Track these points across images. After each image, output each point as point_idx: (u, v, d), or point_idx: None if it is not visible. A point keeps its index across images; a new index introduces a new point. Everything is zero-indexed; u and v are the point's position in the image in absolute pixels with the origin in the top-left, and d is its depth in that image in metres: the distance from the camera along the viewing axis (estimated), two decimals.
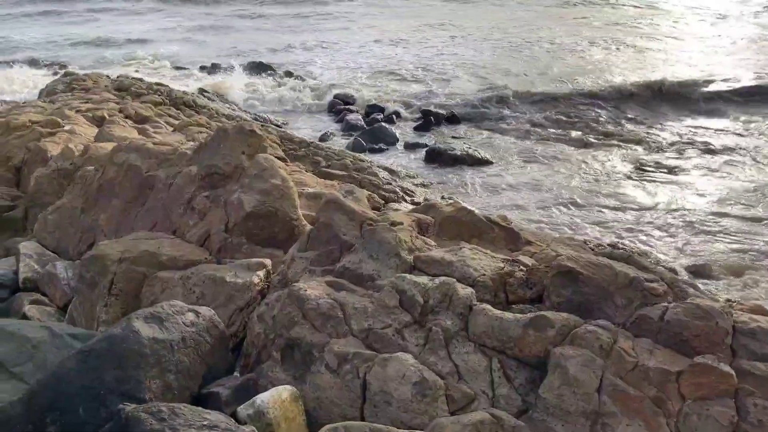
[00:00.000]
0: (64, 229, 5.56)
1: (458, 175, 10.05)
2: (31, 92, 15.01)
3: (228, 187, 4.73)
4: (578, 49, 18.71)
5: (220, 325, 3.40)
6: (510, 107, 13.62)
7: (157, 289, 4.14)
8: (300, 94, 15.36)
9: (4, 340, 3.45)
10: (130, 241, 4.53)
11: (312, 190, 5.55)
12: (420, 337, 3.09)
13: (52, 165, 6.43)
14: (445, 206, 4.60)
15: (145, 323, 3.02)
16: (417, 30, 22.79)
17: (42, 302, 4.60)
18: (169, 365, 3.00)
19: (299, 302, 3.31)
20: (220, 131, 5.03)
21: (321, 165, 9.46)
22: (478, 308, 3.11)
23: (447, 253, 3.59)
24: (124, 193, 5.28)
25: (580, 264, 3.23)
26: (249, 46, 22.02)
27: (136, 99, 10.74)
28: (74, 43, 23.65)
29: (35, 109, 9.17)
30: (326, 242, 4.00)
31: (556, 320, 2.97)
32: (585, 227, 8.09)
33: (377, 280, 3.50)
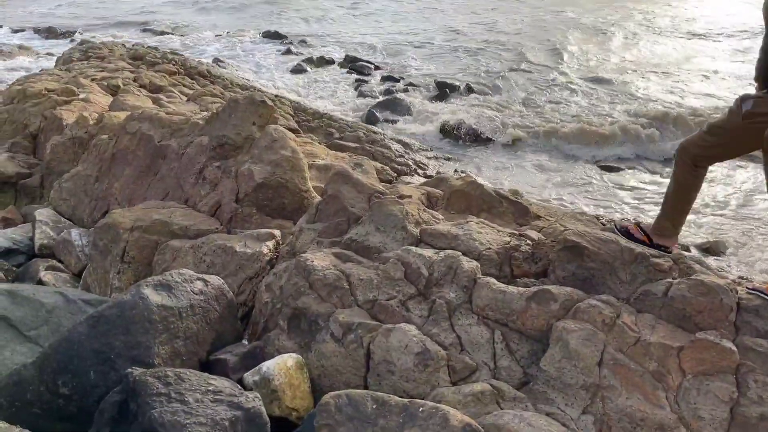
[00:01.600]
0: (79, 197, 5.64)
1: (473, 148, 10.00)
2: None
3: (239, 157, 4.76)
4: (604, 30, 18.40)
5: (229, 293, 3.46)
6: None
7: (168, 257, 4.20)
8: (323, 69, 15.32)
9: (20, 305, 3.55)
10: (142, 210, 4.60)
11: (322, 162, 5.57)
12: (424, 309, 3.12)
13: (68, 133, 6.50)
14: (455, 180, 4.60)
15: (154, 290, 3.08)
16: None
17: (57, 268, 4.70)
18: (177, 332, 3.07)
19: (306, 273, 3.35)
20: (231, 102, 5.04)
21: (334, 137, 9.46)
22: (482, 281, 3.13)
23: (453, 226, 3.60)
24: (137, 162, 5.34)
25: (586, 239, 3.23)
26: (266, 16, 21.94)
27: (151, 68, 10.76)
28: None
29: (51, 77, 9.23)
30: (334, 214, 4.02)
31: (560, 294, 2.98)
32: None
33: (383, 252, 3.53)
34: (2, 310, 3.51)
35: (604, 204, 7.89)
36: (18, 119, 7.35)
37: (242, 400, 2.58)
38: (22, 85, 8.33)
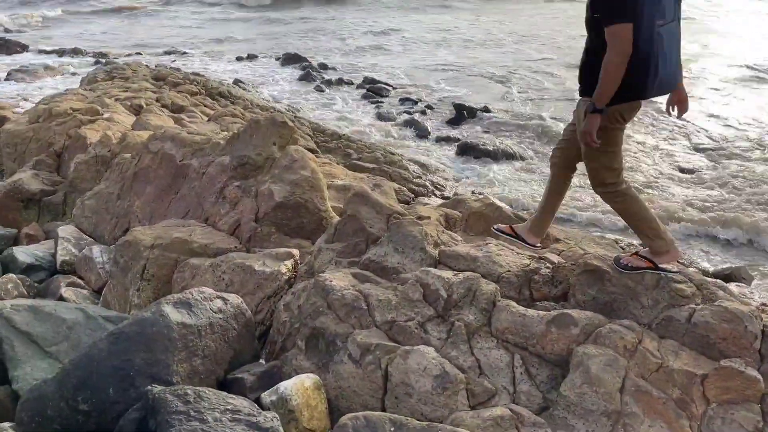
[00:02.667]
0: (101, 215, 5.72)
1: (489, 169, 10.00)
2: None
3: (259, 177, 4.80)
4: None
5: (247, 312, 3.47)
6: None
7: (187, 275, 4.23)
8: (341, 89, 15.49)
9: (42, 321, 3.59)
10: (163, 228, 4.65)
11: (341, 182, 5.59)
12: (442, 331, 3.10)
13: (91, 152, 6.61)
14: (474, 201, 4.60)
15: (174, 308, 3.10)
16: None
17: (78, 285, 4.75)
18: (196, 350, 3.08)
19: (324, 292, 3.35)
20: (252, 122, 5.11)
21: (352, 157, 9.52)
22: (501, 304, 3.11)
23: (472, 248, 3.59)
24: (158, 180, 5.41)
25: (607, 263, 3.20)
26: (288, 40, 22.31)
27: (173, 88, 10.94)
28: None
29: (76, 96, 9.41)
30: (353, 234, 4.03)
31: (580, 319, 2.95)
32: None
33: (402, 273, 3.52)
34: (24, 325, 3.55)
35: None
36: (43, 138, 7.49)
37: (260, 419, 2.57)
38: (48, 104, 8.50)
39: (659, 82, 2.81)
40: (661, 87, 2.86)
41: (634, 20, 2.67)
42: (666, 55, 2.76)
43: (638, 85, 2.80)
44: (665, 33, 2.74)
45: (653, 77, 2.77)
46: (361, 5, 28.74)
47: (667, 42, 2.75)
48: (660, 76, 2.78)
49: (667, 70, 2.81)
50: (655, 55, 2.73)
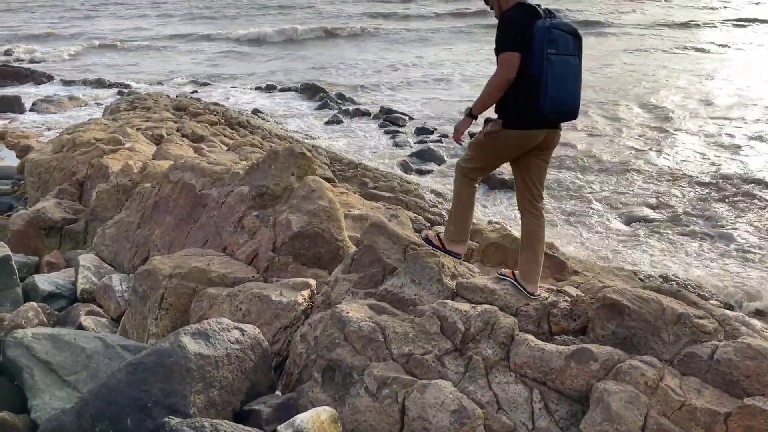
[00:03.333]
0: (121, 243, 5.79)
1: (506, 198, 9.99)
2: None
3: (277, 207, 4.84)
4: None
5: (264, 343, 3.48)
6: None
7: (205, 304, 4.25)
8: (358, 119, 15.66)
9: (61, 349, 3.62)
10: (181, 257, 4.69)
11: (358, 212, 5.62)
12: (460, 365, 3.08)
13: (113, 181, 6.73)
14: (490, 232, 4.60)
15: (192, 339, 3.11)
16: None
17: (97, 313, 4.79)
18: (213, 381, 3.08)
19: (341, 324, 3.35)
20: (271, 153, 5.17)
21: (368, 186, 9.57)
22: (520, 338, 3.08)
23: (490, 280, 3.57)
24: (178, 209, 5.47)
25: (627, 297, 3.17)
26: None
27: (194, 118, 11.14)
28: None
29: (99, 126, 9.62)
30: (369, 265, 4.04)
31: (600, 354, 2.91)
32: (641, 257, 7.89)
33: (419, 305, 3.52)
34: (44, 354, 3.58)
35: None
36: (66, 167, 7.64)
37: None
38: (72, 134, 8.69)
39: (551, 100, 3.14)
40: (553, 105, 3.16)
41: (522, 50, 3.12)
42: (558, 78, 3.12)
43: (531, 102, 3.16)
44: (557, 61, 3.11)
45: (545, 95, 3.12)
46: (385, 40, 29.16)
47: (558, 68, 3.12)
48: (551, 95, 3.12)
49: (559, 93, 3.15)
50: (545, 75, 3.10)
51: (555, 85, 3.12)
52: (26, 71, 21.90)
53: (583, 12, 33.19)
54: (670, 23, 29.67)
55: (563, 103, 3.21)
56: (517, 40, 3.13)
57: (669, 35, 26.75)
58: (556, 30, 3.13)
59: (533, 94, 3.14)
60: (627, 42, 25.44)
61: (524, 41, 3.12)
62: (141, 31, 34.14)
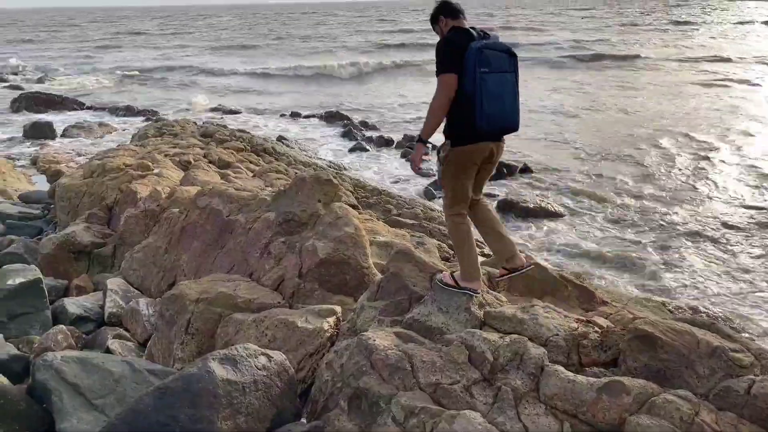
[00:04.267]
0: (148, 268, 5.86)
1: (530, 227, 9.92)
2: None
3: (304, 233, 4.87)
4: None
5: (290, 370, 3.47)
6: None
7: (231, 330, 4.27)
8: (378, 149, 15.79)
9: (90, 372, 3.65)
10: (208, 283, 4.72)
11: (383, 239, 5.62)
12: (489, 396, 3.03)
13: (141, 206, 6.83)
14: None
15: (219, 364, 3.12)
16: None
17: (124, 337, 4.83)
18: (240, 407, 3.08)
19: (368, 352, 3.33)
20: (298, 179, 5.22)
21: (392, 213, 9.58)
22: (550, 369, 3.03)
23: (518, 310, 3.54)
24: (205, 235, 5.53)
25: (659, 329, 3.11)
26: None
27: (220, 145, 11.30)
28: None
29: (127, 152, 9.81)
30: (395, 292, 4.03)
31: (633, 387, 2.85)
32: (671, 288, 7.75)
33: (446, 333, 3.49)
34: (73, 377, 3.61)
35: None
36: (96, 192, 7.78)
37: None
38: (102, 159, 8.87)
39: (488, 116, 3.32)
40: (490, 121, 3.34)
41: (458, 71, 3.30)
42: (492, 94, 3.30)
43: (469, 119, 3.33)
44: (489, 79, 3.29)
45: (480, 111, 3.29)
46: (416, 73, 29.35)
47: (491, 85, 3.29)
48: (486, 111, 3.30)
49: (494, 109, 3.33)
50: (479, 93, 3.27)
51: (489, 101, 3.29)
52: (58, 98, 22.53)
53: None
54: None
55: (500, 118, 3.38)
56: (454, 61, 3.31)
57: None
58: (488, 50, 3.31)
59: (470, 111, 3.31)
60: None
61: (460, 62, 3.31)
62: (169, 60, 35.00)
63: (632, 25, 56.37)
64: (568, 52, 35.10)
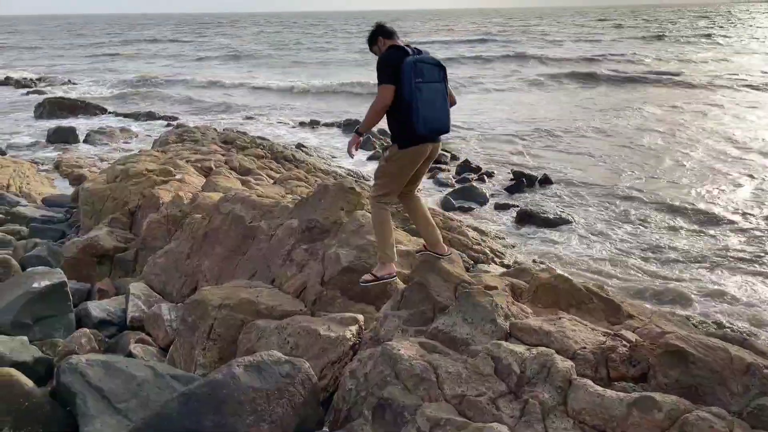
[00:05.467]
0: (170, 273, 5.88)
1: (550, 238, 9.84)
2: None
3: (326, 241, 4.87)
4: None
5: (314, 378, 3.45)
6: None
7: (253, 336, 4.26)
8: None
9: (113, 376, 3.66)
10: (230, 288, 4.73)
11: (405, 248, 5.59)
12: (515, 409, 2.99)
13: (163, 211, 6.88)
14: (540, 272, 4.51)
15: (244, 371, 3.11)
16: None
17: (146, 341, 4.84)
18: (264, 414, 3.06)
19: (392, 362, 3.30)
20: (321, 187, 5.22)
21: (410, 222, 9.55)
22: (578, 383, 2.98)
23: (545, 322, 3.49)
24: (227, 241, 5.55)
25: (691, 344, 3.04)
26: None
27: (241, 152, 11.37)
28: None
29: (149, 158, 9.90)
30: (419, 302, 4.00)
31: (665, 403, 2.79)
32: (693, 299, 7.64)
33: (471, 345, 3.45)
34: (97, 380, 3.63)
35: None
36: (119, 196, 7.85)
37: None
38: (125, 165, 8.96)
39: (424, 119, 3.79)
40: (426, 124, 3.82)
41: (396, 83, 3.77)
42: (426, 101, 3.79)
43: (410, 123, 3.80)
44: (423, 87, 3.78)
45: (417, 115, 3.77)
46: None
47: (426, 93, 3.79)
48: (422, 115, 3.78)
49: (429, 113, 3.81)
50: (415, 100, 3.75)
51: (425, 107, 3.78)
52: (81, 104, 22.84)
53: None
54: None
55: (434, 121, 3.87)
56: (390, 74, 3.78)
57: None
58: (421, 63, 3.80)
59: (408, 116, 3.80)
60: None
61: (397, 75, 3.77)
62: (193, 70, 35.32)
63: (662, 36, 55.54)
64: (607, 66, 34.03)
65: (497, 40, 56.77)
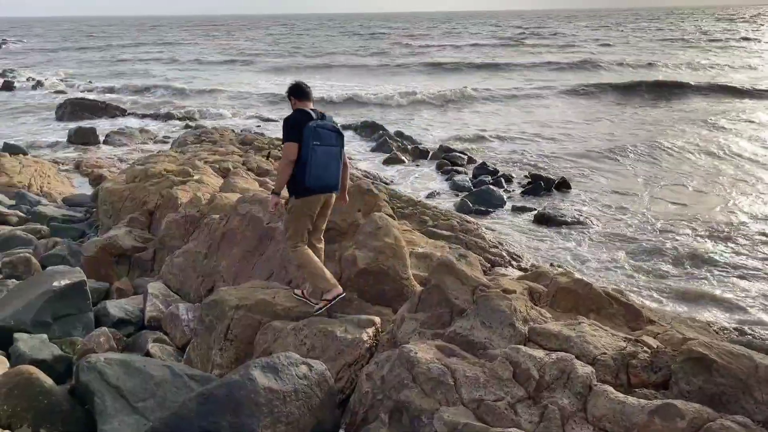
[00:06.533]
0: (187, 273, 5.91)
1: (568, 241, 9.75)
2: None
3: (343, 242, 4.86)
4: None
5: (331, 380, 3.44)
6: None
7: (270, 337, 4.26)
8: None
9: (131, 375, 3.68)
10: (247, 289, 4.73)
11: (422, 250, 5.58)
12: (534, 414, 2.96)
13: (181, 211, 6.91)
14: (560, 276, 4.46)
15: (262, 372, 3.11)
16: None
17: (163, 341, 4.86)
18: (280, 416, 3.06)
19: (409, 365, 3.28)
20: None
21: (428, 224, 9.51)
22: (598, 389, 2.94)
23: (565, 327, 3.45)
24: (245, 242, 5.56)
25: (714, 351, 2.99)
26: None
27: (258, 152, 11.41)
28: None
29: (168, 158, 9.97)
30: (437, 305, 3.98)
31: (687, 411, 2.74)
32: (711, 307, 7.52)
33: (489, 349, 3.42)
34: (115, 379, 3.65)
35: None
36: (138, 197, 7.91)
37: None
38: (144, 165, 9.03)
39: (315, 177, 4.30)
40: (316, 181, 4.32)
41: (298, 141, 4.28)
42: (319, 162, 4.29)
43: (303, 179, 4.29)
44: (319, 150, 4.29)
45: (309, 173, 4.28)
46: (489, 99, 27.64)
47: (320, 155, 4.30)
48: (314, 173, 4.28)
49: (319, 172, 4.31)
50: (310, 159, 4.26)
51: (317, 166, 4.29)
52: (101, 104, 23.09)
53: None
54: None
55: (323, 179, 4.36)
56: (295, 134, 4.29)
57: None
58: (320, 128, 4.32)
59: (303, 172, 4.29)
60: None
61: (300, 135, 4.28)
62: (211, 75, 35.48)
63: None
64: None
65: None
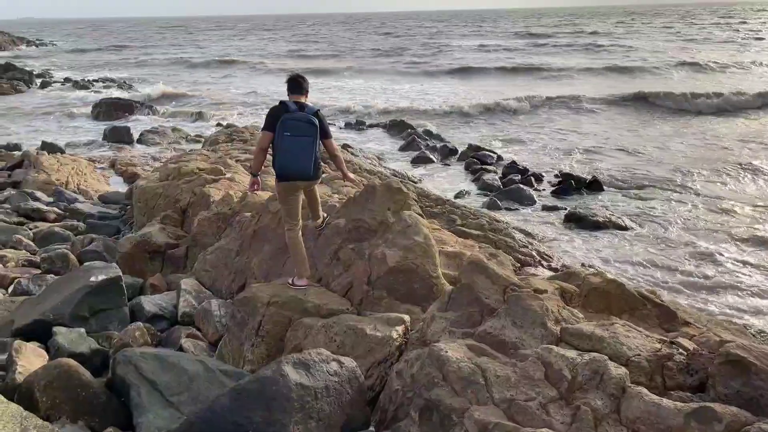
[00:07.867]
0: (220, 269, 5.99)
1: (598, 240, 9.62)
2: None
3: (373, 241, 4.87)
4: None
5: (361, 377, 3.46)
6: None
7: (300, 334, 4.30)
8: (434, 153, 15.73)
9: (166, 370, 3.75)
10: (279, 286, 4.78)
11: (452, 249, 5.56)
12: (566, 415, 2.93)
13: (214, 209, 7.01)
14: (592, 277, 4.40)
15: (293, 368, 3.14)
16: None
17: (196, 336, 4.94)
18: (312, 412, 3.09)
19: (440, 363, 3.28)
20: (368, 187, 5.23)
21: (456, 223, 9.48)
22: (632, 391, 2.90)
23: (597, 327, 3.41)
24: (276, 239, 5.61)
25: (753, 354, 2.92)
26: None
27: None
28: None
29: (200, 157, 10.11)
30: (467, 304, 3.96)
31: (725, 414, 2.69)
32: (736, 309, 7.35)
33: (520, 348, 3.39)
34: (150, 373, 3.72)
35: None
36: (171, 194, 8.04)
37: None
38: (177, 164, 9.18)
39: (280, 165, 4.61)
40: (283, 169, 4.63)
41: (272, 131, 4.61)
42: (288, 151, 4.58)
43: (274, 166, 4.67)
44: (289, 140, 4.57)
45: (276, 161, 4.63)
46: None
47: (289, 144, 4.57)
48: (280, 162, 4.61)
49: (286, 161, 4.59)
50: (282, 149, 4.59)
51: (285, 156, 4.58)
52: (136, 104, 23.53)
53: None
54: None
55: (289, 167, 4.62)
56: (271, 124, 4.62)
57: None
58: (291, 120, 4.57)
59: (274, 160, 4.66)
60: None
61: (274, 126, 4.59)
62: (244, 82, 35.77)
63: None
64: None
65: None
